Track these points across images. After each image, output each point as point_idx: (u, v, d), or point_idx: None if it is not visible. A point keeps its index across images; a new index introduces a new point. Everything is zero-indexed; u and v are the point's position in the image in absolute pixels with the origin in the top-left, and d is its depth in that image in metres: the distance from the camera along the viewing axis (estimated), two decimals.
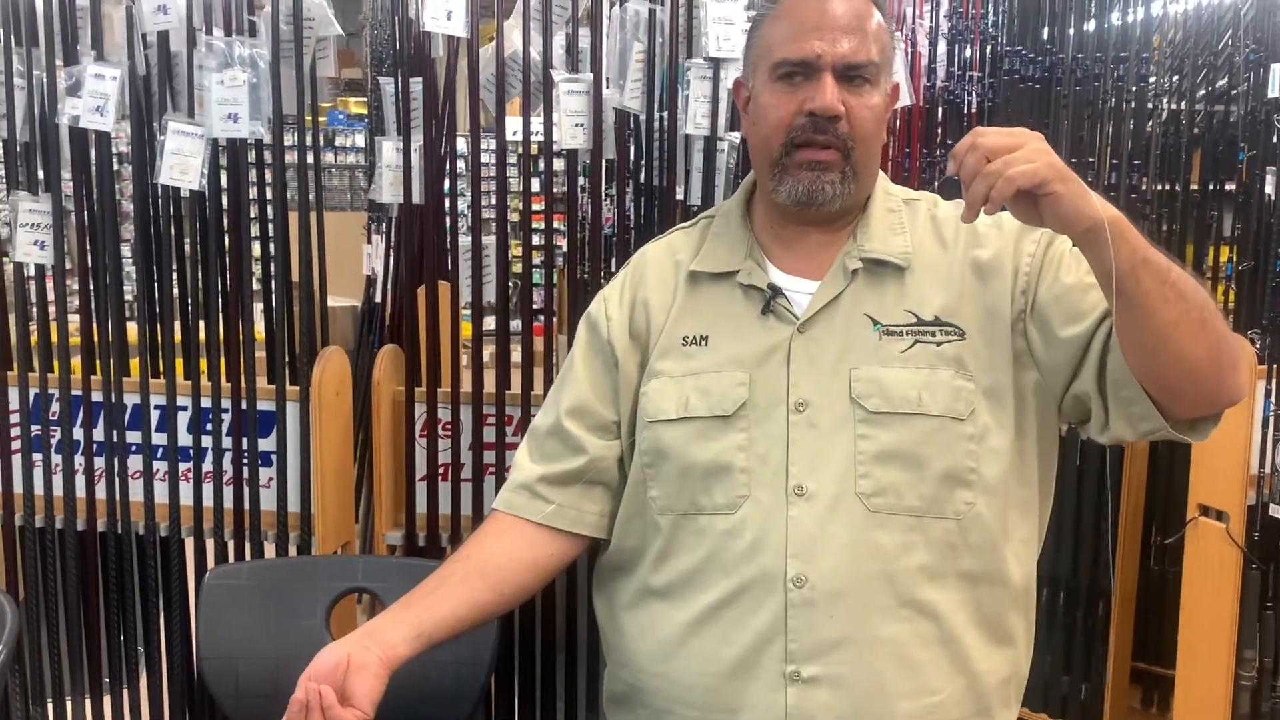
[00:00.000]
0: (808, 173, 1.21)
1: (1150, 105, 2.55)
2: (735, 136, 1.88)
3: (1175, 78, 2.66)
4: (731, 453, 1.21)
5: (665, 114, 1.89)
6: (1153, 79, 2.56)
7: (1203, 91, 2.64)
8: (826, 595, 1.17)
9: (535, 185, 2.12)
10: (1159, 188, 2.60)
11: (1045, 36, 2.59)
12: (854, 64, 1.19)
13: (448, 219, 1.98)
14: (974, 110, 2.62)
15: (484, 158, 2.32)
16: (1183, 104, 2.63)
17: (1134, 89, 2.50)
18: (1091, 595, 2.47)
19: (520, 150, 1.99)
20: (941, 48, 2.62)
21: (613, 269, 2.05)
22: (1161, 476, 2.56)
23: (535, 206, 2.18)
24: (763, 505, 1.19)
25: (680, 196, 1.91)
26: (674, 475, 1.25)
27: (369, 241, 3.69)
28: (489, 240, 1.96)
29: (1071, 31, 2.54)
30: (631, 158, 1.97)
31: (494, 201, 1.94)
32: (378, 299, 3.35)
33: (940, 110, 2.67)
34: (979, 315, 1.22)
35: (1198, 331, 1.09)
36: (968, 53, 2.67)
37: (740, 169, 1.89)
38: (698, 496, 1.23)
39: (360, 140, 8.97)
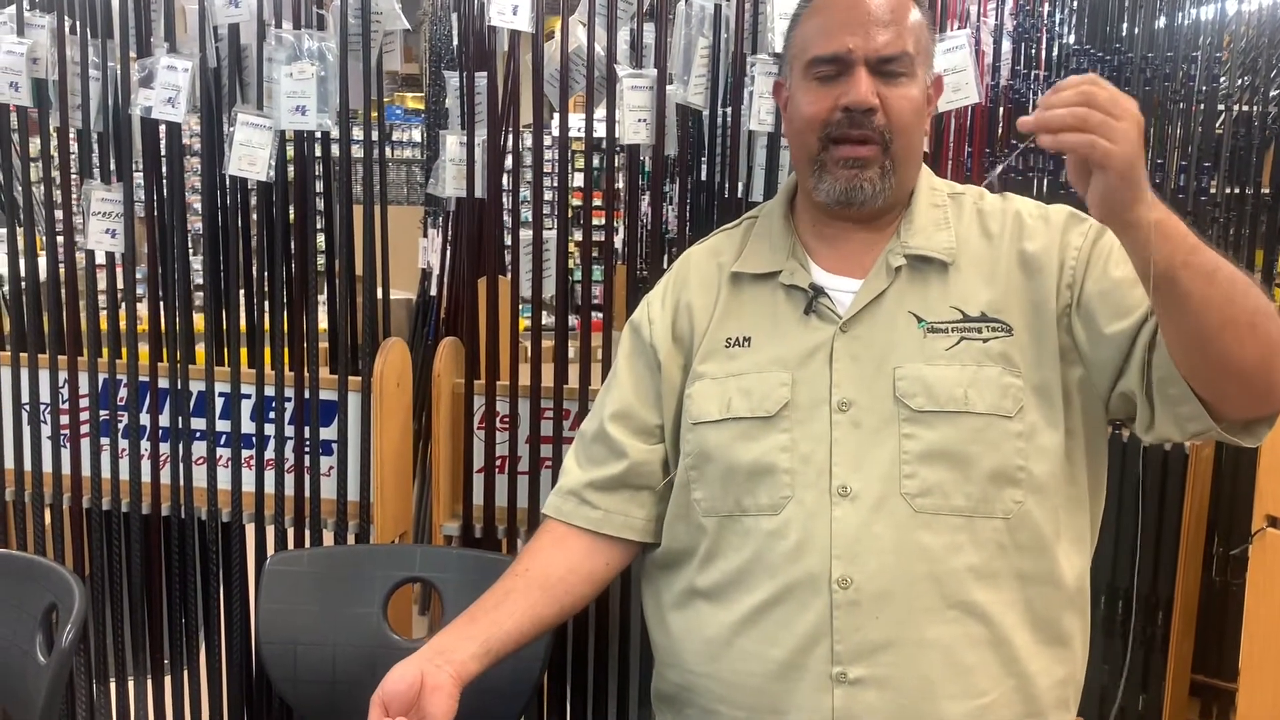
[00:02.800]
0: (846, 171, 1.21)
1: (1221, 106, 2.50)
2: None
3: (1247, 78, 2.60)
4: (775, 453, 1.21)
5: (729, 110, 1.88)
6: (1223, 79, 2.50)
7: (1275, 92, 2.58)
8: (872, 596, 1.16)
9: (595, 181, 2.12)
10: (1229, 190, 2.55)
11: (1113, 35, 2.55)
12: (887, 56, 1.18)
13: (506, 213, 1.99)
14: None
15: (545, 153, 2.33)
16: (1254, 105, 2.57)
17: (1204, 89, 2.44)
18: (1151, 604, 2.43)
19: (582, 146, 1.99)
20: (1006, 46, 2.58)
21: (670, 265, 2.05)
22: (1226, 484, 2.50)
23: (595, 202, 2.17)
24: (806, 506, 1.19)
25: (741, 194, 1.90)
26: (718, 477, 1.25)
27: (425, 235, 3.72)
28: (549, 235, 1.97)
29: (1140, 30, 2.50)
30: (692, 154, 1.97)
31: (554, 197, 1.94)
32: (433, 292, 3.38)
33: (1002, 109, 2.63)
34: (1026, 310, 1.20)
35: (1245, 336, 1.06)
36: (1033, 51, 2.63)
37: None
38: (742, 498, 1.23)
39: (416, 135, 9.05)
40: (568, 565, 1.32)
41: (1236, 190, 2.57)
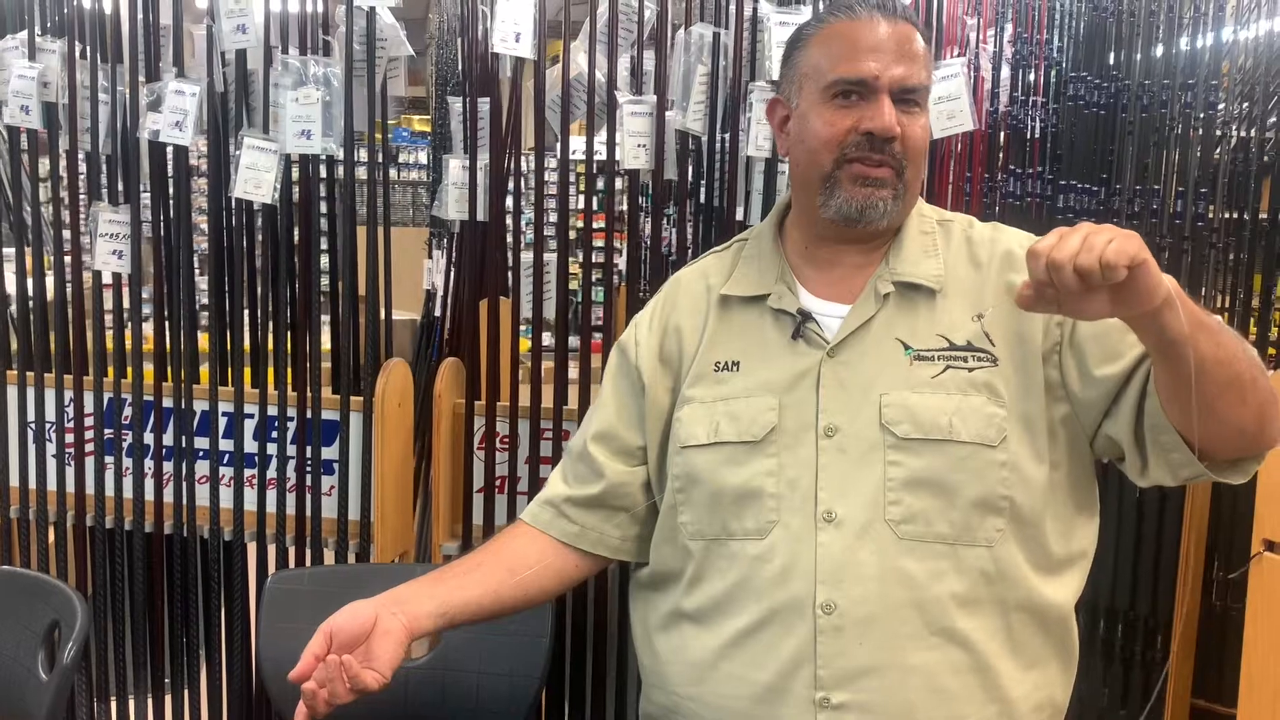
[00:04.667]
0: (862, 189, 1.21)
1: (1219, 132, 2.51)
2: None
3: (1245, 104, 2.62)
4: (761, 478, 1.21)
5: (727, 136, 1.91)
6: (1221, 105, 2.52)
7: (1274, 119, 2.60)
8: (856, 622, 1.16)
9: (595, 204, 2.14)
10: (1226, 216, 2.56)
11: (1111, 62, 2.57)
12: (909, 87, 1.20)
13: (509, 235, 2.01)
14: (1037, 136, 2.60)
15: (546, 176, 2.36)
16: (1252, 131, 2.59)
17: (1202, 115, 2.46)
18: (1151, 628, 2.43)
19: (582, 170, 2.01)
20: (1005, 72, 2.61)
21: None
22: (1225, 509, 2.50)
23: (596, 224, 2.20)
24: (792, 531, 1.19)
25: (740, 217, 1.92)
26: (705, 500, 1.25)
27: (430, 256, 3.75)
28: (550, 257, 1.99)
29: (1139, 57, 2.52)
30: (691, 178, 1.99)
31: (555, 219, 1.96)
32: (437, 313, 3.40)
33: (1002, 135, 2.66)
34: (1011, 342, 1.21)
35: (1248, 391, 1.08)
36: (1031, 77, 2.65)
37: None
38: (728, 521, 1.23)
39: (423, 157, 9.11)
40: (539, 558, 1.33)
41: (1235, 216, 2.59)
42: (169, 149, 1.99)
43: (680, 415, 1.29)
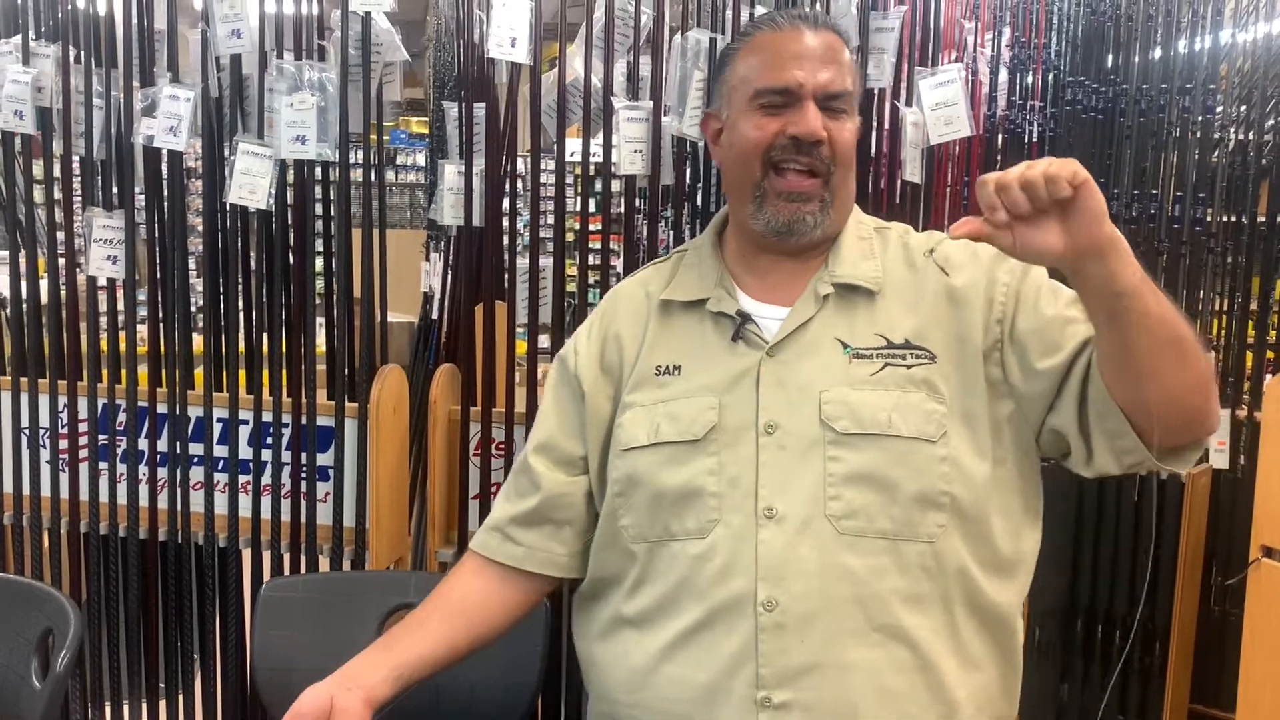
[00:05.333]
0: (789, 204, 1.23)
1: (1217, 135, 2.51)
2: None
3: (1243, 108, 2.62)
4: (702, 477, 1.21)
5: None
6: (1219, 109, 2.52)
7: (1271, 121, 2.59)
8: (797, 619, 1.16)
9: (593, 208, 2.13)
10: (1225, 219, 2.56)
11: (1109, 65, 2.57)
12: (834, 92, 1.22)
13: (506, 239, 2.01)
14: (1035, 140, 2.60)
15: (543, 179, 2.35)
16: (1250, 134, 2.58)
17: (1200, 119, 2.46)
18: (1149, 634, 2.42)
19: (579, 173, 2.01)
20: (1003, 76, 2.61)
21: None
22: (1224, 514, 2.50)
23: (593, 228, 2.19)
24: (733, 528, 1.19)
25: None
26: (646, 502, 1.25)
27: (427, 259, 3.74)
28: (546, 261, 1.99)
29: (1136, 60, 2.52)
30: (688, 182, 1.99)
31: (551, 222, 1.96)
32: (434, 316, 3.40)
33: (1000, 139, 2.65)
34: (949, 341, 1.22)
35: (1188, 354, 1.09)
36: (1029, 81, 2.65)
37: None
38: (670, 522, 1.23)
39: (421, 159, 9.11)
40: (485, 594, 1.33)
41: (1233, 219, 2.58)
42: (163, 154, 1.99)
43: (622, 420, 1.29)
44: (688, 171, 1.97)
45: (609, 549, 1.30)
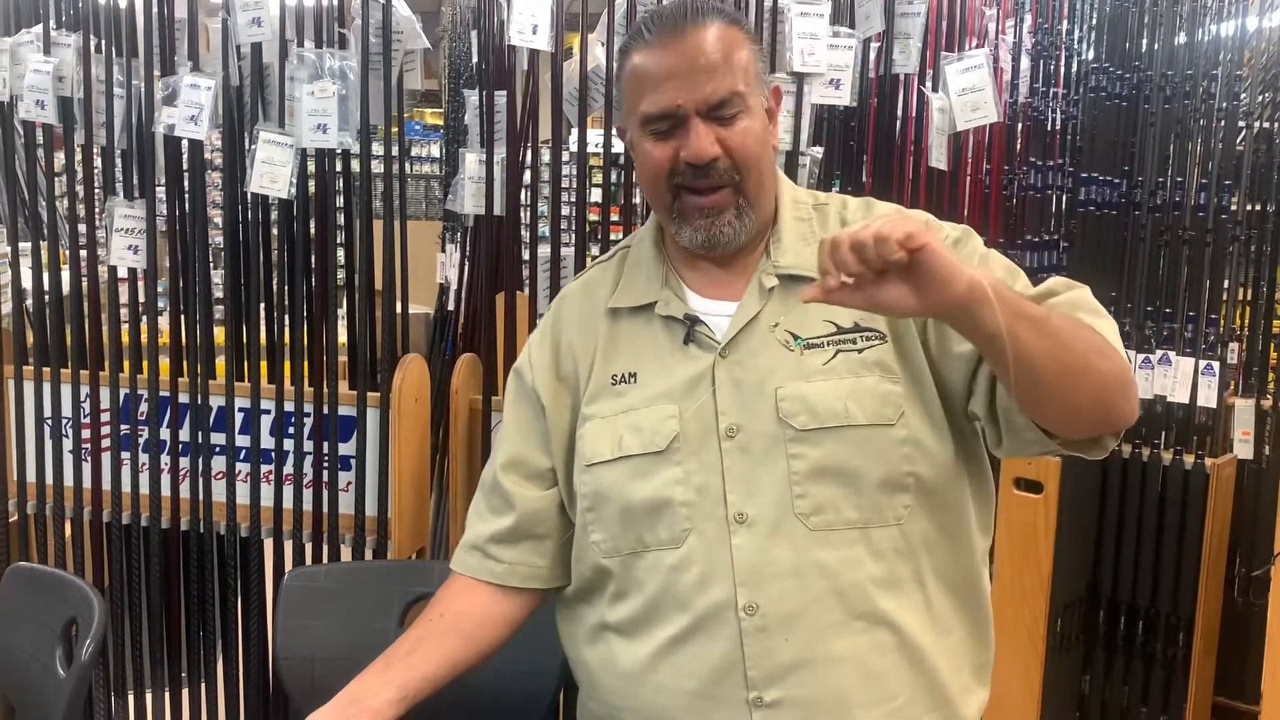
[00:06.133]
0: (703, 220, 1.21)
1: (1241, 123, 2.49)
2: (818, 151, 1.87)
3: (1268, 94, 2.59)
4: (670, 487, 1.20)
5: None
6: (1244, 96, 2.49)
7: None
8: (779, 620, 1.16)
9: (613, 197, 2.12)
10: (1250, 208, 2.53)
11: (1132, 52, 2.54)
12: (716, 102, 1.17)
13: (528, 230, 2.00)
14: (1057, 128, 2.58)
15: (564, 169, 2.34)
16: (1275, 122, 2.56)
17: (1224, 106, 2.43)
18: (1172, 625, 2.41)
19: (599, 163, 2.00)
20: (1025, 63, 2.58)
21: None
22: (1248, 505, 2.48)
23: (614, 218, 2.18)
24: (706, 537, 1.19)
25: None
26: (615, 516, 1.24)
27: (443, 250, 3.74)
28: (566, 251, 1.98)
29: (1160, 47, 2.49)
30: None
31: (572, 212, 1.95)
32: (450, 307, 3.39)
33: (1021, 127, 2.63)
34: (894, 319, 1.20)
35: (1080, 380, 1.08)
36: (1051, 68, 2.63)
37: (821, 183, 1.88)
38: (643, 534, 1.22)
39: (435, 150, 9.10)
40: (481, 611, 1.33)
41: (1258, 208, 2.56)
42: (184, 143, 1.99)
43: (582, 432, 1.27)
44: None
45: (583, 562, 1.30)
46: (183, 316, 2.04)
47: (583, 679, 1.34)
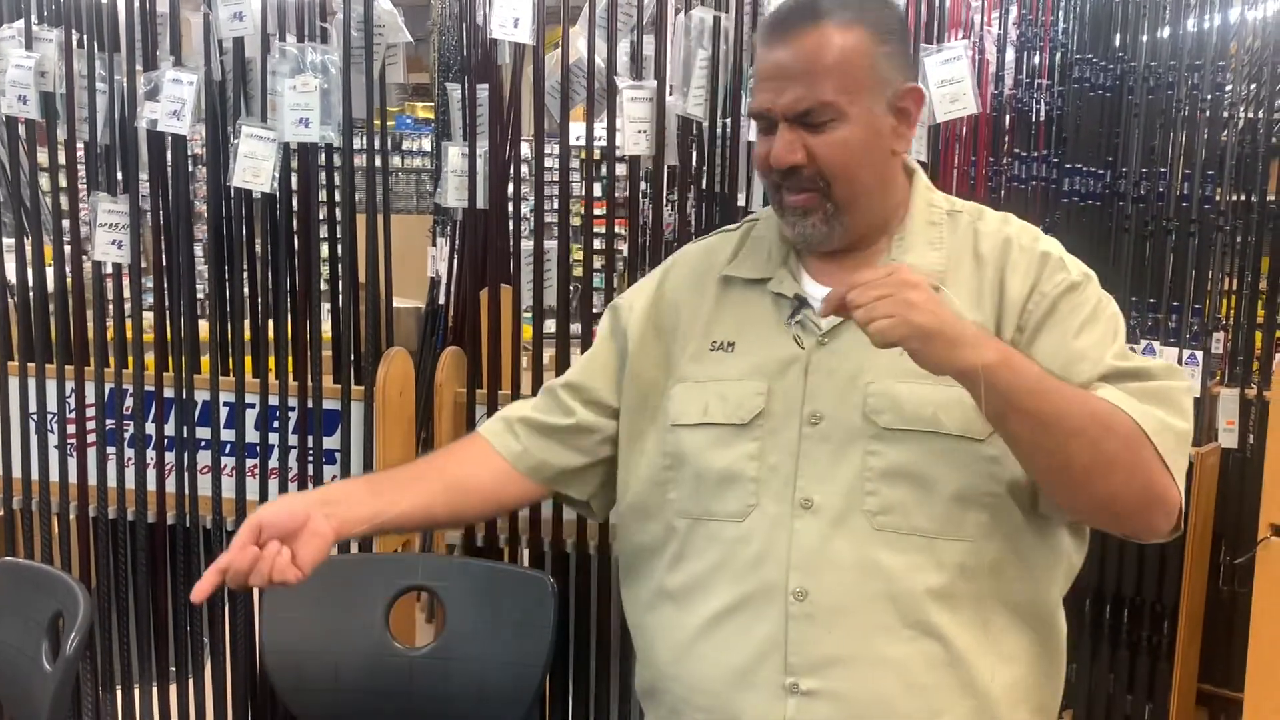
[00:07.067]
0: (792, 218, 1.22)
1: (1226, 114, 2.49)
2: None
3: (1253, 86, 2.60)
4: (744, 461, 1.22)
5: (728, 121, 1.89)
6: (1229, 87, 2.49)
7: None
8: (827, 610, 1.16)
9: (598, 190, 2.13)
10: (1234, 198, 2.54)
11: (1117, 44, 2.55)
12: (801, 111, 1.17)
13: (511, 223, 2.00)
14: (1042, 119, 2.58)
15: (547, 162, 2.35)
16: (1260, 112, 2.56)
17: (1209, 97, 2.44)
18: (1157, 613, 2.42)
19: (583, 156, 2.00)
20: (1010, 55, 2.58)
21: None
22: (1233, 493, 2.49)
23: (598, 211, 2.18)
24: (769, 516, 1.20)
25: (742, 203, 1.91)
26: (690, 479, 1.26)
27: (434, 244, 3.74)
28: (551, 244, 1.98)
29: (1145, 38, 2.49)
30: (694, 164, 1.98)
31: (557, 206, 1.96)
32: (441, 301, 3.40)
33: (1007, 118, 2.63)
34: (1009, 337, 1.19)
35: (1079, 483, 1.10)
36: (1036, 59, 2.63)
37: None
38: (710, 503, 1.24)
39: (427, 144, 9.08)
40: (478, 480, 1.35)
41: (1242, 198, 2.57)
42: (167, 138, 1.98)
43: (673, 392, 1.29)
44: (693, 153, 1.96)
45: (653, 519, 1.30)
46: (168, 310, 2.04)
47: (639, 645, 1.35)
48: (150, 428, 2.07)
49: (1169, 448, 1.11)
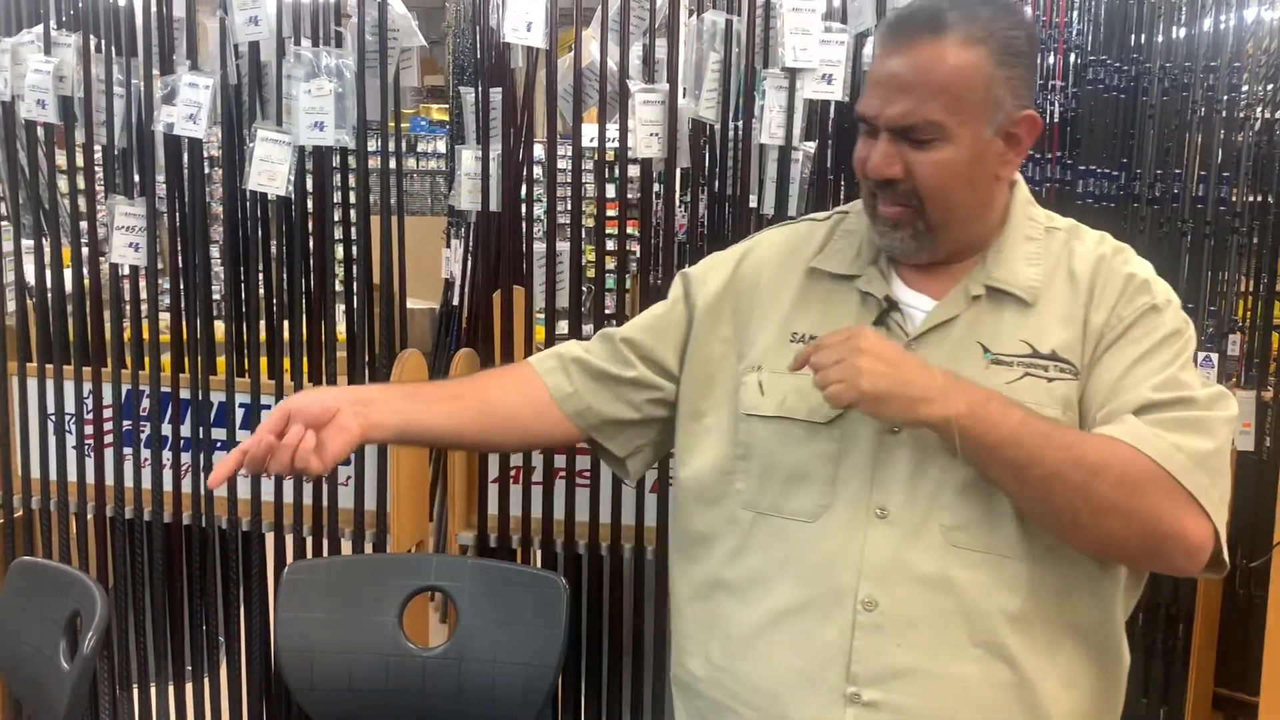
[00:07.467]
0: (882, 227, 1.19)
1: (1242, 114, 2.48)
2: (810, 146, 1.88)
3: (1269, 86, 2.58)
4: (819, 461, 1.19)
5: (740, 123, 1.90)
6: (1245, 88, 2.48)
7: None
8: (896, 622, 1.14)
9: (610, 192, 2.13)
10: (1250, 199, 2.53)
11: (1132, 44, 2.54)
12: (906, 126, 1.13)
13: (524, 225, 2.01)
14: (1056, 120, 2.58)
15: (560, 165, 2.36)
16: (1277, 113, 2.55)
17: (1225, 98, 2.43)
18: (1172, 617, 2.41)
19: (596, 158, 2.01)
20: None
21: None
22: (1249, 496, 2.48)
23: (610, 213, 2.19)
24: (841, 520, 1.17)
25: (754, 205, 1.91)
26: (759, 472, 1.23)
27: (448, 246, 3.76)
28: (563, 246, 1.99)
29: (1160, 39, 2.48)
30: (706, 166, 1.98)
31: (569, 208, 1.97)
32: (455, 302, 3.41)
33: None
34: (1087, 360, 1.17)
35: (1068, 528, 1.10)
36: (1051, 61, 2.62)
37: (814, 179, 1.89)
38: (778, 499, 1.21)
39: (441, 146, 9.10)
40: (517, 412, 1.33)
41: (1259, 199, 2.55)
42: (184, 141, 2.00)
43: (747, 379, 1.25)
44: (705, 155, 1.97)
45: (715, 507, 1.27)
46: (184, 313, 2.06)
47: (679, 633, 1.32)
48: (167, 428, 2.08)
49: (1197, 483, 1.08)
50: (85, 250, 2.08)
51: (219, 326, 2.11)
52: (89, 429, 2.12)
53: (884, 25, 1.19)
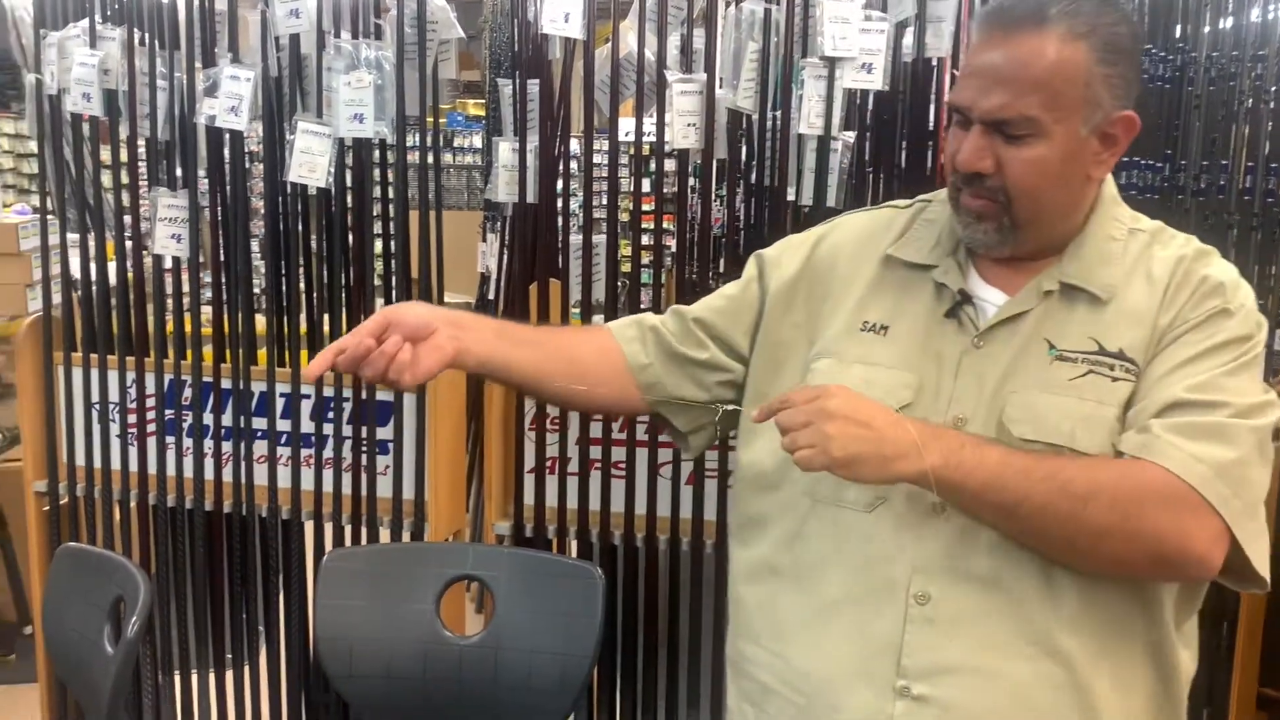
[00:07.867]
0: (964, 218, 1.18)
1: None
2: (849, 136, 1.86)
3: None
4: None
5: (778, 113, 1.89)
6: None
7: None
8: (949, 618, 1.14)
9: (646, 185, 2.13)
10: None
11: (1177, 34, 2.50)
12: (1000, 119, 1.10)
13: (560, 218, 2.01)
14: None
15: (596, 158, 2.36)
16: None
17: (1273, 88, 2.38)
18: (1216, 616, 2.37)
19: (632, 151, 2.01)
20: None
21: (721, 269, 2.06)
22: None
23: (646, 206, 2.18)
24: (898, 512, 1.16)
25: (791, 197, 1.90)
26: None
27: (484, 239, 3.77)
28: (599, 239, 1.99)
29: (1206, 29, 2.44)
30: (743, 158, 1.97)
31: (605, 201, 1.96)
32: (491, 295, 3.42)
33: None
34: (1149, 359, 1.15)
35: (1062, 552, 1.09)
36: None
37: (854, 169, 1.87)
38: (838, 488, 1.19)
39: (478, 141, 9.16)
40: (596, 371, 1.33)
41: None
42: (225, 134, 2.02)
43: (816, 366, 1.25)
44: (743, 146, 1.96)
45: (774, 492, 1.27)
46: (226, 304, 2.08)
47: (732, 614, 1.33)
48: (208, 418, 2.11)
49: (1218, 493, 1.06)
50: (129, 243, 2.11)
51: (259, 319, 2.13)
52: (132, 418, 2.15)
53: (984, 13, 1.16)
